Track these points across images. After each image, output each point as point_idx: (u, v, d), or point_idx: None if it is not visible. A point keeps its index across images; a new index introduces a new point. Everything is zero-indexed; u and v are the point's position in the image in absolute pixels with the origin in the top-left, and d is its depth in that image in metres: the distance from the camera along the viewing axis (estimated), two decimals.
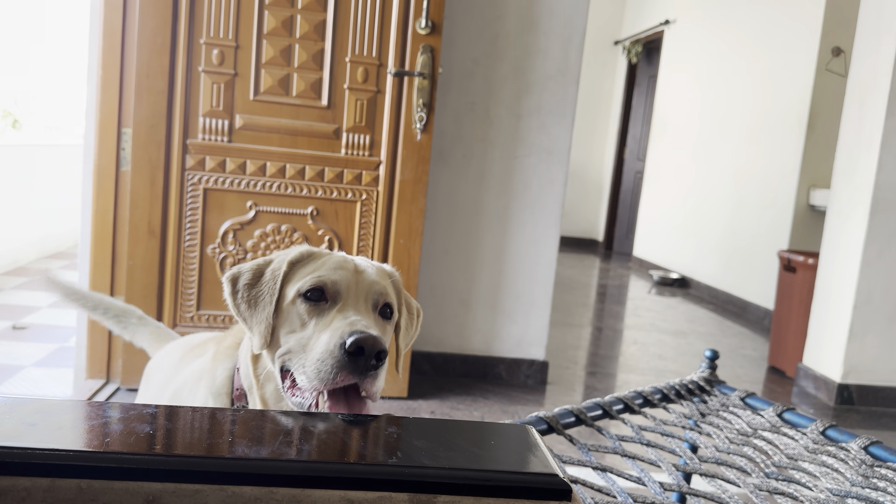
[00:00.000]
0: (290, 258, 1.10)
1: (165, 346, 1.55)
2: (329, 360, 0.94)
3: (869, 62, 3.54)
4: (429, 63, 2.75)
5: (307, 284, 1.04)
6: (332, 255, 1.11)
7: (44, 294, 4.29)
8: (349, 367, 0.93)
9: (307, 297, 1.03)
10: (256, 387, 1.09)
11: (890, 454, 1.31)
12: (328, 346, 0.95)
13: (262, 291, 1.07)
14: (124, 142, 2.74)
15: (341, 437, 0.59)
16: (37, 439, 0.52)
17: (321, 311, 1.03)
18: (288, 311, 1.05)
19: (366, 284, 1.07)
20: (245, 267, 1.12)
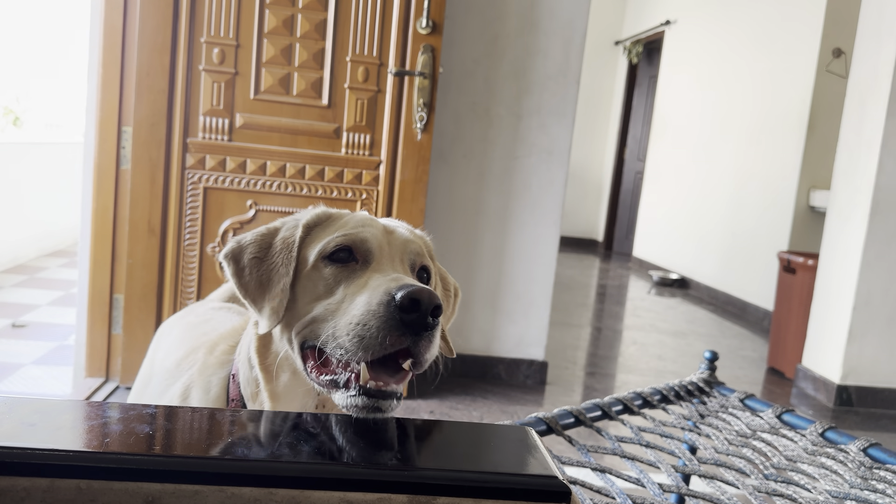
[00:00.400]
0: (306, 221, 0.95)
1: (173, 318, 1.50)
2: (373, 320, 0.77)
3: (869, 63, 3.54)
4: (429, 63, 2.75)
5: (332, 244, 0.89)
6: (355, 214, 0.97)
7: (43, 292, 4.29)
8: (400, 327, 0.77)
9: (332, 259, 0.89)
10: (265, 382, 0.94)
11: (889, 456, 1.31)
12: (370, 306, 0.79)
13: (275, 263, 0.92)
14: (124, 140, 2.74)
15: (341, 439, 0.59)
16: (36, 439, 0.52)
17: (351, 272, 0.88)
18: (308, 277, 0.90)
19: (399, 243, 0.94)
20: (245, 239, 0.96)
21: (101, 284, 2.80)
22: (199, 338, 1.27)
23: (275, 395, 0.94)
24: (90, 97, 2.74)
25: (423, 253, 0.96)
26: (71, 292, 4.29)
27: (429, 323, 0.77)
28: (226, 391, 1.03)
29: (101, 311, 2.81)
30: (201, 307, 1.50)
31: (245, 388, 0.99)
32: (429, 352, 0.80)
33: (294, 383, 0.93)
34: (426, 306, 0.76)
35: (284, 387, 0.94)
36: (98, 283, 2.79)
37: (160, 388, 1.22)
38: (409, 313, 0.76)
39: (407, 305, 0.76)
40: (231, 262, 0.94)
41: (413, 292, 0.76)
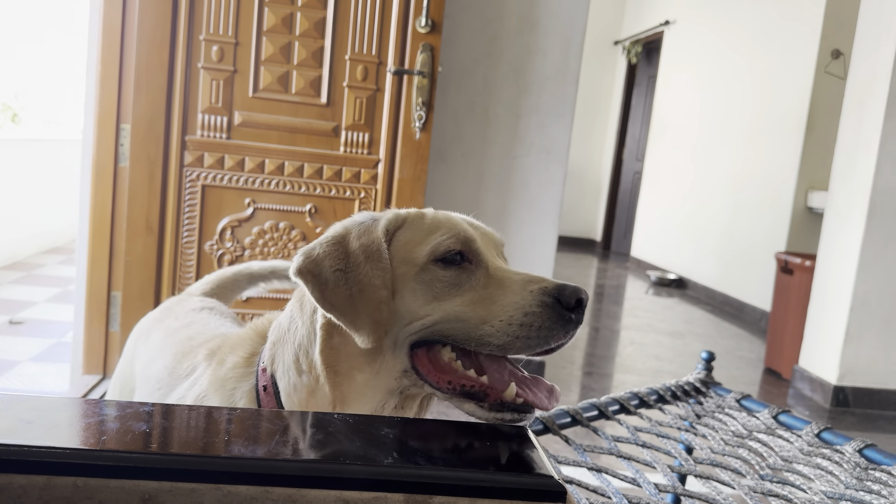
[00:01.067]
0: (385, 225, 0.94)
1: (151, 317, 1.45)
2: (538, 320, 0.82)
3: (868, 65, 3.54)
4: (428, 62, 2.75)
5: (443, 247, 0.89)
6: (439, 213, 0.97)
7: (41, 289, 4.29)
8: (567, 325, 0.83)
9: (445, 262, 0.89)
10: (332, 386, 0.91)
11: (884, 457, 1.31)
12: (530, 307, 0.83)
13: (365, 273, 0.89)
14: (123, 137, 2.73)
15: (337, 437, 0.59)
16: (33, 437, 0.52)
17: (470, 274, 0.89)
18: (418, 280, 0.89)
19: (489, 238, 0.97)
20: (318, 251, 0.91)
21: (98, 282, 2.79)
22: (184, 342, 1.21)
23: (346, 398, 0.91)
24: (88, 94, 2.74)
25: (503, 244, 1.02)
26: (68, 289, 4.29)
27: (582, 319, 0.84)
28: (254, 403, 0.98)
29: (99, 309, 2.81)
30: (179, 306, 1.44)
31: (291, 395, 0.95)
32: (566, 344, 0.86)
33: (373, 383, 0.91)
34: (586, 303, 0.83)
35: (360, 386, 0.91)
36: (96, 280, 2.79)
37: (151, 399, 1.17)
38: (573, 311, 0.83)
39: (574, 305, 0.82)
40: (310, 277, 0.89)
41: (577, 291, 0.83)
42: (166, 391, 1.14)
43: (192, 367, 1.12)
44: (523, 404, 0.84)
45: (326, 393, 0.92)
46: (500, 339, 0.83)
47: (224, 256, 2.76)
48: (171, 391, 1.13)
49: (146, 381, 1.24)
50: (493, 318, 0.84)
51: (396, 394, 0.92)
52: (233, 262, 2.76)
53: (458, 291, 0.88)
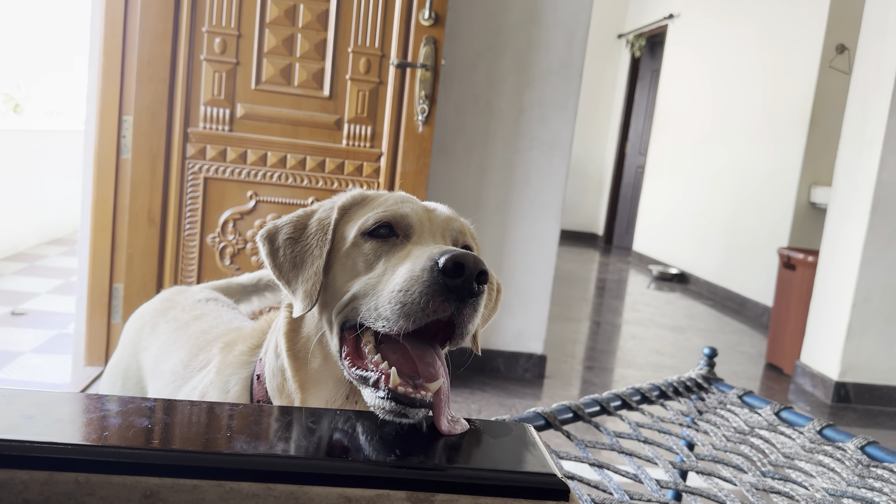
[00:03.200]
0: (342, 203, 0.94)
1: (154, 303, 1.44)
2: (416, 286, 0.74)
3: (873, 60, 3.53)
4: (432, 55, 2.74)
5: (372, 220, 0.87)
6: (392, 193, 0.95)
7: (43, 280, 4.29)
8: (444, 292, 0.74)
9: (373, 235, 0.87)
10: (293, 370, 0.91)
11: (886, 454, 1.31)
12: (412, 272, 0.76)
13: (310, 244, 0.91)
14: (125, 129, 2.73)
15: (340, 434, 0.59)
16: (35, 432, 0.52)
17: (392, 247, 0.85)
18: (347, 255, 0.88)
19: (441, 220, 0.92)
20: (282, 221, 0.95)
21: (100, 274, 2.79)
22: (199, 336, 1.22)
23: (304, 384, 0.90)
24: (91, 86, 2.73)
25: (466, 231, 0.94)
26: (70, 280, 4.29)
27: (474, 289, 0.74)
28: (247, 391, 1.00)
29: (101, 301, 2.81)
30: (181, 296, 1.44)
31: (271, 380, 0.95)
32: (472, 322, 0.76)
33: (325, 370, 0.90)
34: (471, 270, 0.74)
35: (315, 373, 0.90)
36: (98, 272, 2.79)
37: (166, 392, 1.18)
38: (453, 278, 0.73)
39: (451, 269, 0.73)
40: (266, 242, 0.93)
41: (457, 256, 0.74)
42: (181, 384, 1.16)
43: (208, 360, 1.13)
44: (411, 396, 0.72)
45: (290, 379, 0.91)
46: (386, 310, 0.76)
47: (226, 249, 2.76)
48: (185, 383, 1.14)
49: (161, 374, 1.24)
50: (388, 287, 0.78)
51: (346, 383, 0.89)
52: (234, 255, 2.76)
53: (377, 266, 0.84)
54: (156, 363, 1.28)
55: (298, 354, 0.91)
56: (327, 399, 0.90)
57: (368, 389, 0.76)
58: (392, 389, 0.72)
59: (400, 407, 0.71)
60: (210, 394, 1.05)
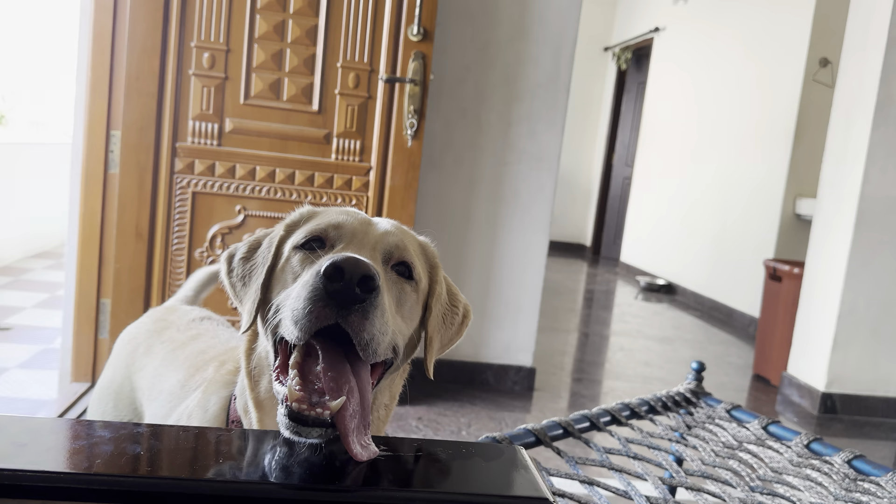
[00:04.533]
0: (288, 221, 0.94)
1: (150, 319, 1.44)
2: (304, 291, 0.72)
3: (855, 74, 3.57)
4: (420, 69, 2.75)
5: (303, 234, 0.87)
6: (337, 207, 0.95)
7: (29, 294, 4.26)
8: (323, 298, 0.71)
9: (303, 248, 0.86)
10: (249, 389, 0.89)
11: (872, 468, 1.32)
12: (304, 280, 0.75)
13: (256, 263, 0.91)
14: (113, 144, 2.72)
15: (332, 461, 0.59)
16: (27, 461, 0.52)
17: (316, 259, 0.83)
18: (282, 270, 0.87)
19: (376, 233, 0.88)
20: (241, 244, 0.96)
21: (87, 289, 2.78)
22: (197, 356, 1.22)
23: (258, 403, 0.88)
24: (78, 100, 2.73)
25: (404, 246, 0.89)
26: (57, 294, 4.26)
27: (356, 295, 0.71)
28: (225, 411, 0.98)
29: (88, 316, 2.79)
30: (174, 316, 1.43)
31: (238, 400, 0.94)
32: (365, 331, 0.72)
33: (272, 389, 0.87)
34: (351, 274, 0.70)
35: (266, 393, 0.88)
36: (85, 287, 2.77)
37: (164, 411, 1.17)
38: (333, 282, 0.70)
39: (331, 274, 0.70)
40: (225, 262, 0.94)
41: (339, 260, 0.70)
42: (177, 403, 1.16)
43: (203, 380, 1.12)
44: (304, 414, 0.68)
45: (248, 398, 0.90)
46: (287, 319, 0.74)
47: (214, 264, 2.75)
48: (180, 403, 1.14)
49: (159, 394, 1.23)
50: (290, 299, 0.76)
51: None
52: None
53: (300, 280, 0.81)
54: (153, 384, 1.27)
55: (253, 373, 0.90)
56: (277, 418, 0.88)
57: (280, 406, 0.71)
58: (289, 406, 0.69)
59: (293, 424, 0.67)
60: (194, 413, 1.04)
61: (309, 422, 0.67)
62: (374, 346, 0.74)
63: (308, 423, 0.67)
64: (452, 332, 1.01)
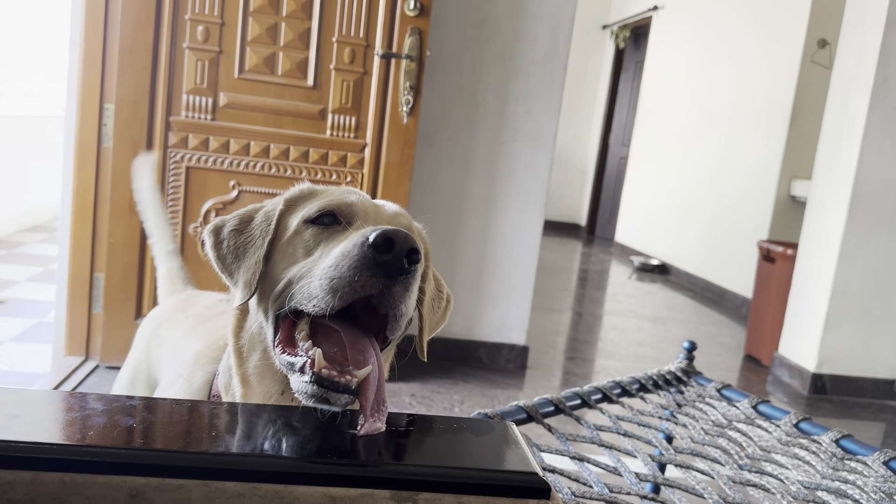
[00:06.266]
0: (288, 195, 0.94)
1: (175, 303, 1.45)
2: (346, 260, 0.73)
3: (853, 55, 3.56)
4: (416, 45, 2.73)
5: (315, 208, 0.87)
6: (341, 186, 0.95)
7: (22, 267, 4.25)
8: (372, 267, 0.72)
9: (315, 223, 0.86)
10: (238, 364, 0.90)
11: (859, 447, 1.34)
12: (345, 249, 0.74)
13: (253, 235, 0.91)
14: (106, 117, 2.70)
15: (325, 434, 0.59)
16: (19, 432, 0.52)
17: (333, 233, 0.84)
18: (288, 243, 0.87)
19: (387, 214, 0.91)
20: (229, 215, 0.96)
21: (81, 263, 2.77)
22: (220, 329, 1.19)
23: (245, 379, 0.90)
24: (71, 73, 2.70)
25: (412, 227, 0.93)
26: (50, 268, 4.25)
27: (403, 266, 0.73)
28: (208, 385, 1.00)
29: (82, 290, 2.79)
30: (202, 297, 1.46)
31: (221, 377, 0.96)
32: (404, 303, 0.75)
33: (264, 365, 0.88)
34: (401, 246, 0.72)
35: (255, 369, 0.89)
36: (78, 261, 2.77)
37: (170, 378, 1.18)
38: (383, 253, 0.72)
39: (381, 244, 0.72)
40: (211, 235, 0.93)
41: (388, 231, 0.72)
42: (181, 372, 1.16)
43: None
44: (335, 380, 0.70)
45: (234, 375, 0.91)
46: (316, 287, 0.75)
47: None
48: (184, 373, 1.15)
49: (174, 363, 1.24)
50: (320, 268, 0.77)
51: (282, 377, 0.87)
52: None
53: (316, 251, 0.83)
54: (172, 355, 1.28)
55: (242, 351, 0.91)
56: (264, 395, 0.89)
57: (295, 374, 0.74)
58: (316, 373, 0.71)
59: (322, 391, 0.69)
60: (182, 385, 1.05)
61: (340, 388, 0.69)
62: (403, 320, 0.76)
63: (339, 388, 0.69)
64: (439, 315, 1.05)
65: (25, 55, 7.11)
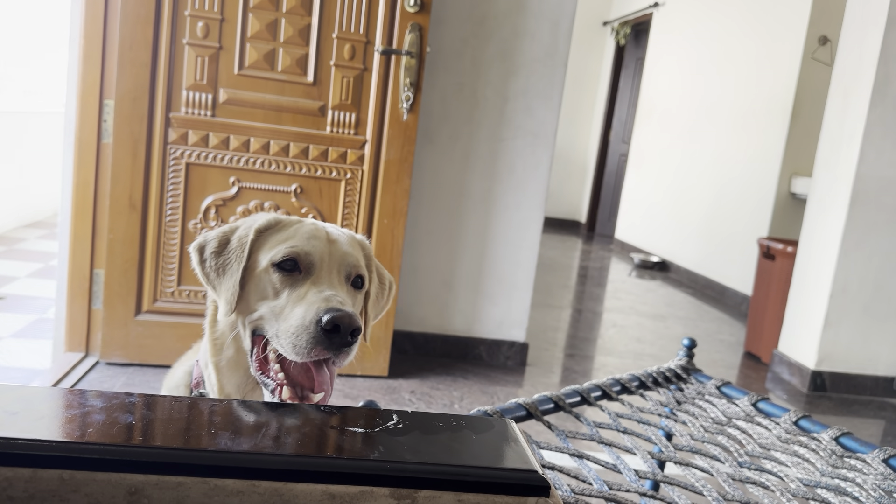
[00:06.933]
0: (258, 226, 1.11)
1: None
2: (304, 334, 0.96)
3: (855, 52, 3.56)
4: (417, 42, 2.73)
5: (280, 254, 1.05)
6: (303, 224, 1.12)
7: (22, 263, 4.25)
8: (324, 342, 0.95)
9: (280, 267, 1.05)
10: (212, 354, 1.09)
11: (859, 445, 1.34)
12: (304, 321, 0.96)
13: (230, 259, 1.09)
14: (106, 114, 2.70)
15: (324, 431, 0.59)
16: (18, 429, 0.52)
17: (295, 281, 1.04)
18: (260, 278, 1.06)
19: (339, 255, 1.09)
20: (211, 235, 1.12)
21: (81, 259, 2.77)
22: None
23: (218, 368, 1.09)
24: (71, 69, 2.70)
25: (359, 263, 1.12)
26: (50, 264, 4.25)
27: (348, 341, 0.96)
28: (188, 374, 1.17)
29: (81, 286, 2.79)
30: None
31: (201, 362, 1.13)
32: (346, 360, 0.99)
33: (237, 360, 1.09)
34: (346, 329, 0.95)
35: (228, 361, 1.09)
36: (78, 257, 2.77)
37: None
38: (332, 334, 0.95)
39: (330, 329, 0.95)
40: (196, 252, 1.11)
41: (336, 318, 0.94)
42: None
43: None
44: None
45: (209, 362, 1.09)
46: (284, 344, 0.98)
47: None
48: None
49: None
50: (286, 325, 0.99)
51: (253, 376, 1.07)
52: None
53: (282, 296, 1.03)
54: None
55: (216, 343, 1.10)
56: (238, 383, 1.09)
57: (267, 392, 1.01)
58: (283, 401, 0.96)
59: None
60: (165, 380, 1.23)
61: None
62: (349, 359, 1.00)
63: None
64: (383, 303, 1.25)
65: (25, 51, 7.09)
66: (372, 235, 2.86)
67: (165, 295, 2.74)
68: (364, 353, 2.92)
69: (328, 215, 2.83)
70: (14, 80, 6.90)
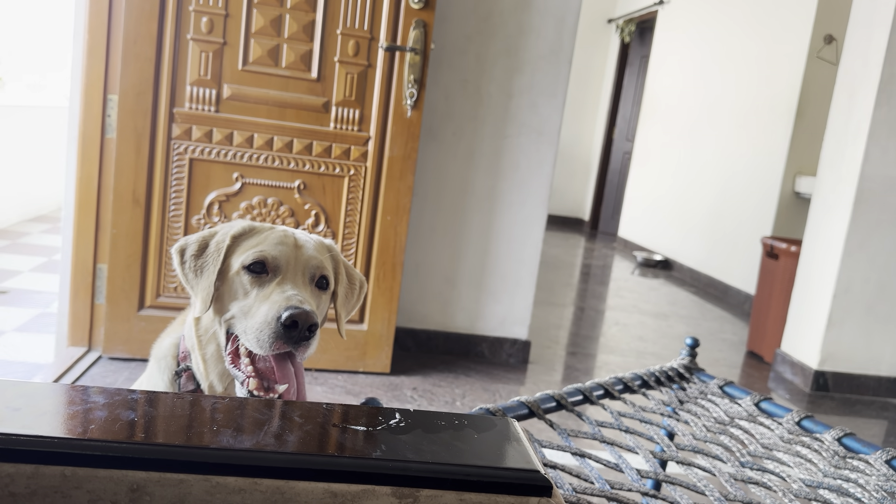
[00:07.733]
0: (233, 233, 1.21)
1: None
2: (266, 329, 1.07)
3: (860, 51, 3.54)
4: (421, 38, 2.73)
5: (250, 258, 1.15)
6: (274, 230, 1.22)
7: (26, 258, 4.26)
8: (284, 337, 1.07)
9: (250, 270, 1.15)
10: (198, 347, 1.20)
11: (862, 446, 1.33)
12: (266, 318, 1.08)
13: (207, 262, 1.18)
14: (110, 108, 2.70)
15: (326, 429, 0.59)
16: (21, 425, 0.52)
17: (262, 282, 1.15)
18: (233, 280, 1.16)
19: (304, 259, 1.19)
20: (191, 239, 1.22)
21: (84, 254, 2.77)
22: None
23: (203, 360, 1.20)
24: (75, 64, 2.70)
25: (323, 265, 1.21)
26: (54, 259, 4.26)
27: (306, 336, 1.07)
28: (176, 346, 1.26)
29: (85, 281, 2.79)
30: None
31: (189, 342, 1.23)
32: (306, 353, 1.10)
33: (217, 355, 1.20)
34: (303, 325, 1.07)
35: (211, 356, 1.20)
36: (82, 252, 2.77)
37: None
38: (291, 330, 1.06)
39: (289, 325, 1.06)
40: (177, 254, 1.20)
41: (293, 315, 1.06)
42: None
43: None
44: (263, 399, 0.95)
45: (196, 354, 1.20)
46: (250, 339, 1.09)
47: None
48: None
49: None
50: (252, 322, 1.10)
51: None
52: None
53: (250, 296, 1.14)
54: None
55: (202, 339, 1.21)
56: (220, 373, 1.20)
57: (237, 384, 1.13)
58: (251, 391, 1.09)
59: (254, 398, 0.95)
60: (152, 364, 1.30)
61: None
62: (310, 352, 1.11)
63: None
64: (353, 301, 1.34)
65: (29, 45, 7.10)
66: (375, 232, 2.86)
67: (168, 290, 2.75)
68: (366, 350, 2.93)
69: (331, 212, 2.83)
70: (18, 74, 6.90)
